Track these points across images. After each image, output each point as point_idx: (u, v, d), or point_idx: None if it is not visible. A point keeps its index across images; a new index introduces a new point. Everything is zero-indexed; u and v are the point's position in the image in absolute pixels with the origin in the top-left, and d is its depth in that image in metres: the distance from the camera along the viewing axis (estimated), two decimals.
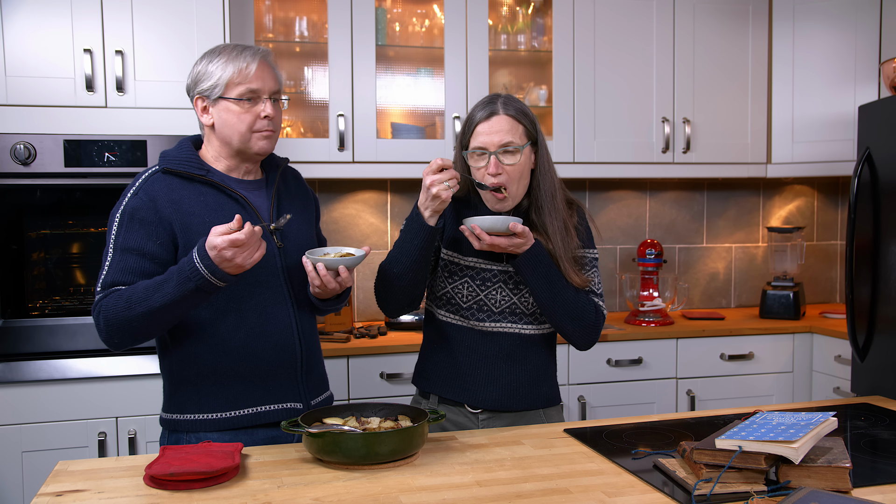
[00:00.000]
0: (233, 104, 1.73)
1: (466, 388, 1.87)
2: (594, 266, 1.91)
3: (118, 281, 1.66)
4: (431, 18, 3.29)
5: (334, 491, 1.39)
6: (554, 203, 1.83)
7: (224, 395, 1.73)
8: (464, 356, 1.88)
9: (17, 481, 2.51)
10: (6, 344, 2.54)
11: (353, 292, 3.40)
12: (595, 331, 1.86)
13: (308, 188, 2.00)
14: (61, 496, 1.38)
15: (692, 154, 3.41)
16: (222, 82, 1.72)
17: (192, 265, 1.57)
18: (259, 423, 1.75)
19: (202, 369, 1.73)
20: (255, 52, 1.76)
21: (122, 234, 1.68)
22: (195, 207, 1.72)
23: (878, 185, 2.56)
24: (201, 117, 1.77)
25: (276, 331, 1.76)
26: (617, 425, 1.81)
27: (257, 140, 1.76)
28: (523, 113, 1.82)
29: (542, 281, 1.77)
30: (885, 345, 2.51)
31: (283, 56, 3.22)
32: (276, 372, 1.77)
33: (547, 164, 1.86)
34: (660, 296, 3.39)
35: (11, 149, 2.50)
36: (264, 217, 1.79)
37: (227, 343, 1.72)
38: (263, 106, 1.75)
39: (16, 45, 2.53)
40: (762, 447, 1.34)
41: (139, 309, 1.59)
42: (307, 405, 1.82)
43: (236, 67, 1.72)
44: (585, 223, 1.94)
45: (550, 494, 1.37)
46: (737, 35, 3.45)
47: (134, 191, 1.72)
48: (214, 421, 1.73)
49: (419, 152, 3.13)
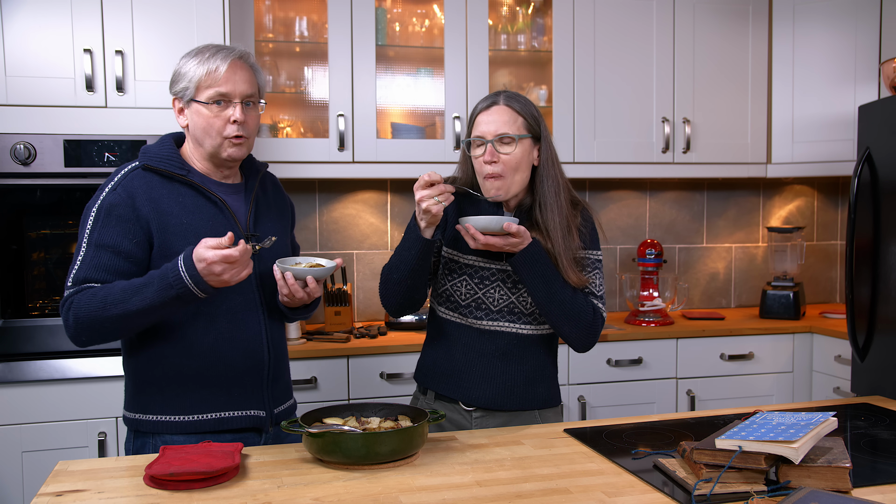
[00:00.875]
0: (203, 107, 1.70)
1: (461, 386, 1.88)
2: (597, 268, 1.88)
3: (90, 278, 1.64)
4: (431, 18, 3.29)
5: (334, 491, 1.39)
6: (557, 201, 1.82)
7: (188, 398, 1.71)
8: (461, 354, 1.89)
9: (17, 481, 2.51)
10: (6, 344, 2.54)
11: (353, 293, 3.41)
12: (592, 333, 1.84)
13: (285, 194, 1.98)
14: (61, 496, 1.38)
15: (692, 154, 3.41)
16: (193, 84, 1.70)
17: (175, 273, 1.56)
18: (222, 428, 1.73)
19: (167, 371, 1.71)
20: (229, 54, 1.71)
21: (98, 230, 1.66)
22: (173, 208, 1.70)
23: (878, 185, 2.56)
24: (178, 118, 1.76)
25: (246, 337, 1.75)
26: (617, 425, 1.81)
27: (227, 146, 1.72)
28: (525, 107, 1.84)
29: (539, 280, 1.76)
30: (885, 345, 2.51)
31: (283, 56, 3.22)
32: (241, 378, 1.75)
33: (551, 161, 1.85)
34: (660, 296, 3.39)
35: (11, 149, 2.50)
36: (241, 222, 1.77)
37: (195, 346, 1.71)
38: (233, 111, 1.70)
39: (16, 45, 2.53)
40: (762, 447, 1.34)
41: (114, 311, 1.58)
42: (270, 413, 1.80)
43: (206, 69, 1.69)
44: (591, 224, 1.92)
45: (550, 494, 1.37)
46: (737, 35, 3.45)
47: (112, 186, 1.69)
48: (176, 423, 1.71)
49: (419, 152, 3.13)
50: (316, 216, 3.39)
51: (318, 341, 2.92)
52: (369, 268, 3.44)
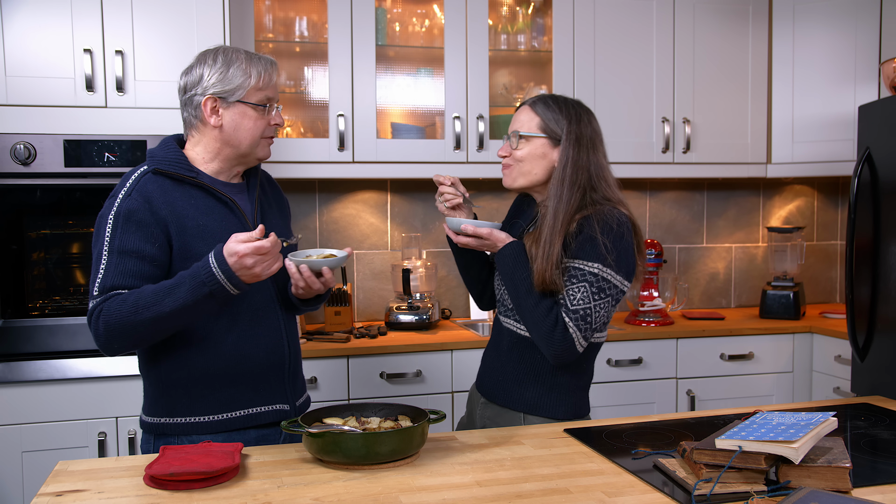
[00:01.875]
0: (251, 109, 1.74)
1: (480, 373, 2.04)
2: (583, 280, 1.74)
3: (118, 284, 1.63)
4: (431, 18, 3.29)
5: (334, 491, 1.39)
6: (559, 204, 1.81)
7: (216, 398, 1.73)
8: (489, 343, 2.03)
9: (17, 481, 2.51)
10: (6, 344, 2.54)
11: (353, 292, 3.41)
12: (550, 344, 1.74)
13: (281, 190, 2.01)
14: (61, 496, 1.38)
15: (692, 154, 3.41)
16: (246, 86, 1.73)
17: (207, 269, 1.57)
18: (250, 424, 1.76)
19: (193, 372, 1.72)
20: (271, 61, 1.80)
21: (119, 237, 1.65)
22: (188, 210, 1.71)
23: (878, 185, 2.56)
24: (209, 118, 1.73)
25: (267, 333, 1.78)
26: (617, 425, 1.81)
27: (264, 146, 1.81)
28: (547, 111, 1.88)
29: (508, 282, 1.82)
30: (885, 345, 2.51)
31: (283, 56, 3.22)
32: (266, 374, 1.78)
33: (569, 165, 1.83)
34: (660, 296, 3.39)
35: (11, 149, 2.50)
36: (251, 220, 1.80)
37: (218, 346, 1.72)
38: (275, 113, 1.80)
39: (16, 45, 2.53)
40: (762, 447, 1.34)
41: (147, 314, 1.58)
42: (293, 406, 1.85)
43: (260, 73, 1.74)
44: (588, 234, 1.76)
45: (550, 494, 1.37)
46: (737, 35, 3.45)
47: (126, 192, 1.69)
48: (206, 423, 1.73)
49: (419, 152, 3.13)
50: (316, 216, 3.39)
51: (318, 341, 2.92)
52: (369, 268, 3.44)
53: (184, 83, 1.77)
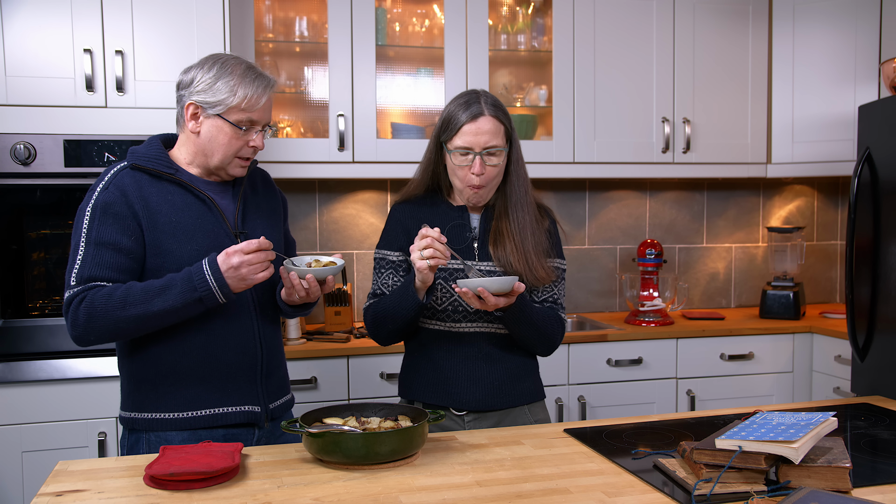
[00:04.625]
0: (227, 126, 1.72)
1: (449, 392, 1.88)
2: (562, 278, 1.93)
3: (95, 276, 1.65)
4: (431, 18, 3.29)
5: (334, 491, 1.39)
6: (526, 199, 1.86)
7: (182, 396, 1.73)
8: (444, 360, 1.89)
9: (17, 481, 2.51)
10: (6, 344, 2.54)
11: (353, 292, 3.40)
12: (557, 344, 1.93)
13: (277, 189, 1.98)
14: (61, 496, 1.38)
15: (692, 154, 3.41)
16: (227, 104, 1.70)
17: (201, 274, 1.61)
18: (216, 424, 1.75)
19: (161, 369, 1.73)
20: (268, 84, 1.75)
21: (96, 228, 1.67)
22: (162, 206, 1.71)
23: (878, 185, 2.56)
24: (188, 122, 1.74)
25: (239, 334, 1.77)
26: (617, 425, 1.81)
27: (236, 166, 1.78)
28: (504, 113, 1.84)
29: (531, 323, 1.82)
30: (885, 345, 2.51)
31: (283, 56, 3.22)
32: (235, 374, 1.77)
33: (521, 159, 1.89)
34: (660, 296, 3.39)
35: (11, 149, 2.50)
36: (229, 220, 1.79)
37: (187, 344, 1.73)
38: (255, 136, 1.75)
39: (16, 45, 2.53)
40: (762, 447, 1.34)
41: (134, 311, 1.60)
42: (265, 408, 1.82)
43: (246, 95, 1.70)
44: (556, 231, 1.96)
45: (550, 494, 1.37)
46: (737, 35, 3.45)
47: (104, 185, 1.71)
48: (172, 420, 1.73)
49: (419, 152, 3.09)
50: (316, 216, 3.39)
51: (317, 341, 2.92)
52: (369, 268, 3.44)
53: (179, 81, 1.78)
